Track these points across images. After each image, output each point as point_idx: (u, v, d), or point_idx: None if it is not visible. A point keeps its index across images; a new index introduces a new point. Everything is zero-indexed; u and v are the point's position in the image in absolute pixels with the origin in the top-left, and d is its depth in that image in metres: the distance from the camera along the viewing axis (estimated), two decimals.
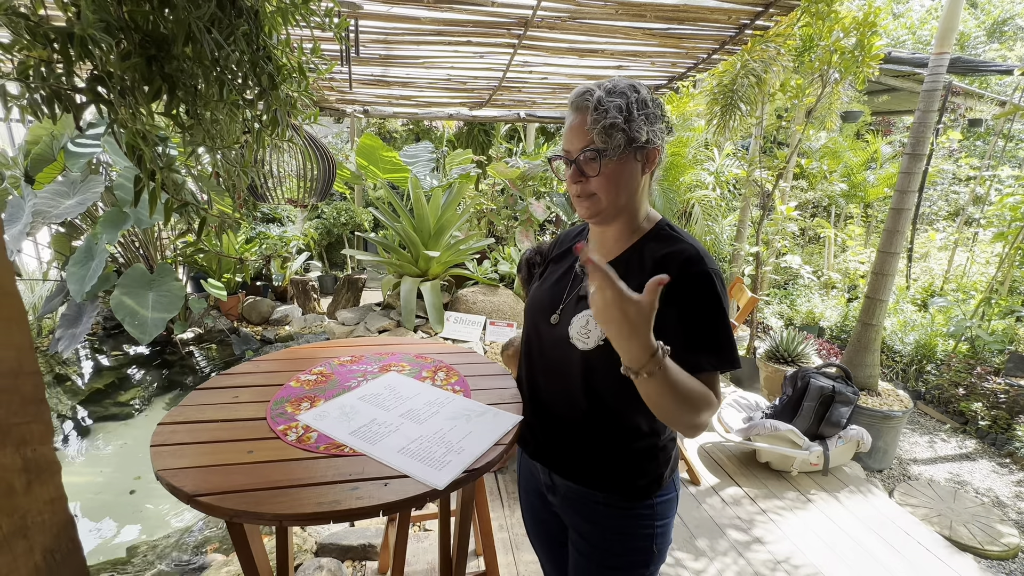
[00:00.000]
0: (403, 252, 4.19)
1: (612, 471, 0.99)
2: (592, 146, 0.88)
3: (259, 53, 0.99)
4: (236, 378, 1.26)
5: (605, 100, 0.86)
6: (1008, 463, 3.06)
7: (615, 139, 0.86)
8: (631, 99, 0.87)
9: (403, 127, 8.38)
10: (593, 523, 1.02)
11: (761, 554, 2.17)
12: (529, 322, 1.09)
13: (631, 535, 1.00)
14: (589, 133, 0.87)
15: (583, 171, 0.90)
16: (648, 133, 0.88)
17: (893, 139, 7.17)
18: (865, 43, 2.98)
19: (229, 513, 0.81)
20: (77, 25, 0.68)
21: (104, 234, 3.24)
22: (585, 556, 1.05)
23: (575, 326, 0.96)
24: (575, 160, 0.91)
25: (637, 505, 0.99)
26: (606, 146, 0.87)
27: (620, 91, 0.88)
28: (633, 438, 0.98)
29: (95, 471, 2.89)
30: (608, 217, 0.95)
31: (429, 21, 2.43)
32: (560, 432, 1.04)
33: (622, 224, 0.97)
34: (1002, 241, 3.74)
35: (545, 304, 1.05)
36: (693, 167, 4.96)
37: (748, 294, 3.08)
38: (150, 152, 0.82)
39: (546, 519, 1.17)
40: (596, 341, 0.93)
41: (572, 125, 0.91)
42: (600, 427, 0.98)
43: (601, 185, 0.90)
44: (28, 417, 0.71)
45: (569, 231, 1.19)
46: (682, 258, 0.90)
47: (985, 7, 10.89)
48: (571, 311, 0.99)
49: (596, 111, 0.86)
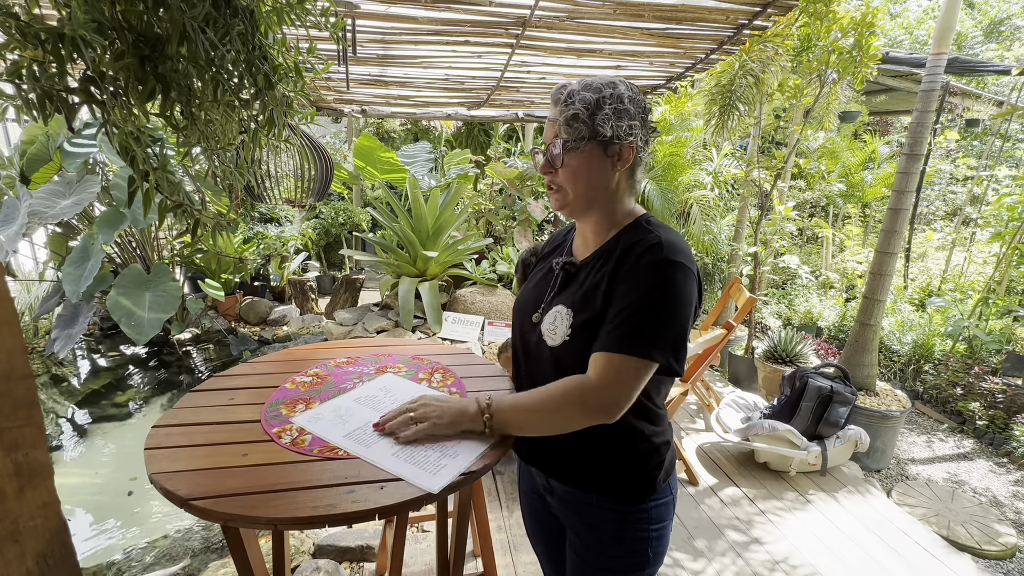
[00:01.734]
0: (401, 252, 4.18)
1: (601, 473, 0.98)
2: (557, 137, 0.91)
3: (255, 53, 0.98)
4: (232, 380, 1.25)
5: (576, 94, 0.89)
6: (1006, 463, 3.07)
7: (577, 131, 0.89)
8: (604, 94, 0.88)
9: (401, 127, 8.37)
10: (589, 525, 1.02)
11: (759, 554, 2.17)
12: (515, 323, 1.10)
13: (626, 538, 0.99)
14: (558, 126, 0.91)
15: (552, 162, 0.93)
16: (614, 128, 0.88)
17: (891, 139, 7.18)
18: (863, 43, 2.98)
19: (224, 517, 0.80)
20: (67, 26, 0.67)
21: (100, 234, 3.23)
22: (581, 558, 1.04)
23: (545, 323, 0.97)
24: (544, 152, 0.94)
25: (632, 509, 0.98)
26: (568, 137, 0.90)
27: (595, 87, 0.89)
28: (616, 439, 0.96)
29: (91, 472, 2.88)
30: (576, 210, 0.97)
31: (427, 21, 2.42)
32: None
33: (597, 219, 0.98)
34: (999, 241, 3.75)
35: (529, 304, 1.06)
36: (691, 167, 4.97)
37: (746, 294, 3.08)
38: (142, 153, 0.82)
39: (546, 520, 1.17)
40: (563, 337, 0.93)
41: (548, 119, 0.95)
42: (587, 431, 0.95)
43: (566, 177, 0.93)
44: (20, 421, 0.70)
45: (560, 230, 1.19)
46: (644, 246, 0.89)
47: (982, 7, 10.92)
48: (546, 309, 1.00)
49: (565, 103, 0.89)
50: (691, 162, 5.00)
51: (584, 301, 0.93)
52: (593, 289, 0.93)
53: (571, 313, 0.94)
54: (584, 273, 0.98)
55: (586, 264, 0.99)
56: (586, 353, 0.90)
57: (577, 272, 1.00)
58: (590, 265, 0.98)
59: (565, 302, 0.96)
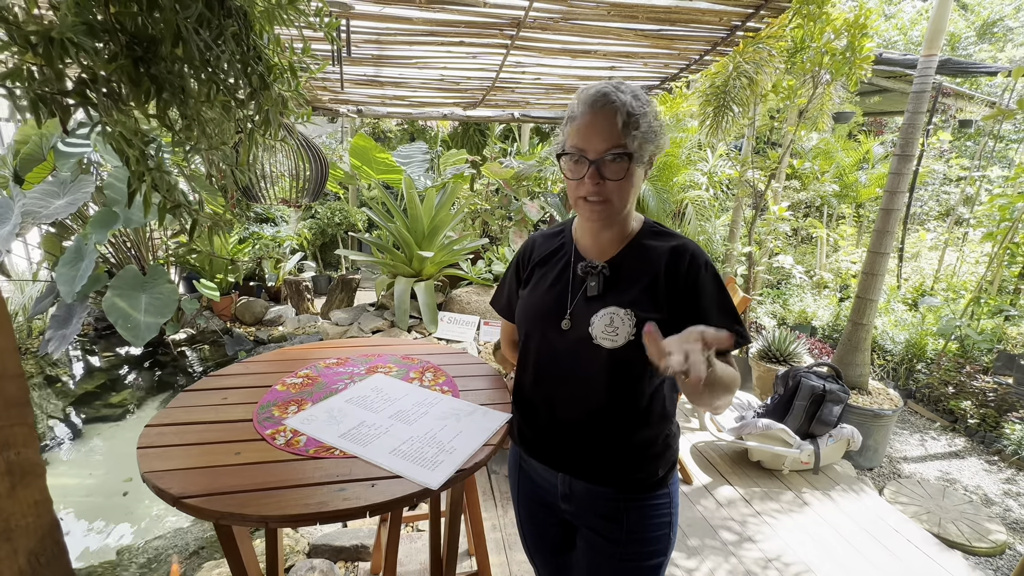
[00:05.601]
0: (397, 252, 4.18)
1: (635, 465, 1.00)
2: (621, 149, 0.88)
3: (249, 53, 0.99)
4: (226, 379, 1.26)
5: (635, 108, 0.88)
6: (996, 461, 3.09)
7: (646, 149, 0.91)
8: (654, 109, 0.92)
9: (397, 127, 8.36)
10: (613, 520, 1.02)
11: (753, 552, 2.19)
12: (532, 330, 1.05)
13: (652, 524, 1.02)
14: (618, 136, 0.88)
15: (603, 173, 0.90)
16: (662, 142, 0.93)
17: (885, 139, 7.22)
18: (856, 45, 3.00)
19: (215, 515, 0.81)
20: (55, 28, 0.68)
21: (94, 234, 3.22)
22: (603, 554, 1.04)
23: (597, 326, 0.95)
24: (595, 161, 0.89)
25: (657, 493, 1.02)
26: (638, 152, 0.90)
27: (636, 94, 0.90)
28: (652, 428, 1.00)
29: (85, 473, 2.87)
30: (615, 220, 0.98)
31: (421, 22, 2.43)
32: (579, 436, 1.01)
33: (619, 226, 1.00)
34: (991, 241, 3.78)
35: (551, 310, 1.02)
36: (686, 167, 4.98)
37: (741, 294, 3.10)
38: (135, 154, 0.82)
39: (549, 529, 1.15)
40: (626, 337, 0.93)
41: (592, 124, 0.89)
42: (622, 423, 0.99)
43: (617, 188, 0.91)
44: (12, 420, 0.71)
45: (543, 232, 1.15)
46: (690, 251, 0.96)
47: (975, 8, 10.99)
48: (584, 313, 0.97)
49: (629, 116, 0.88)
50: (686, 162, 5.02)
51: (644, 301, 0.95)
52: (650, 290, 0.95)
53: (631, 313, 0.94)
54: (623, 274, 0.99)
55: (617, 266, 0.99)
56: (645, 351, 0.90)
57: (615, 274, 0.99)
58: (623, 266, 0.99)
59: (618, 303, 0.95)
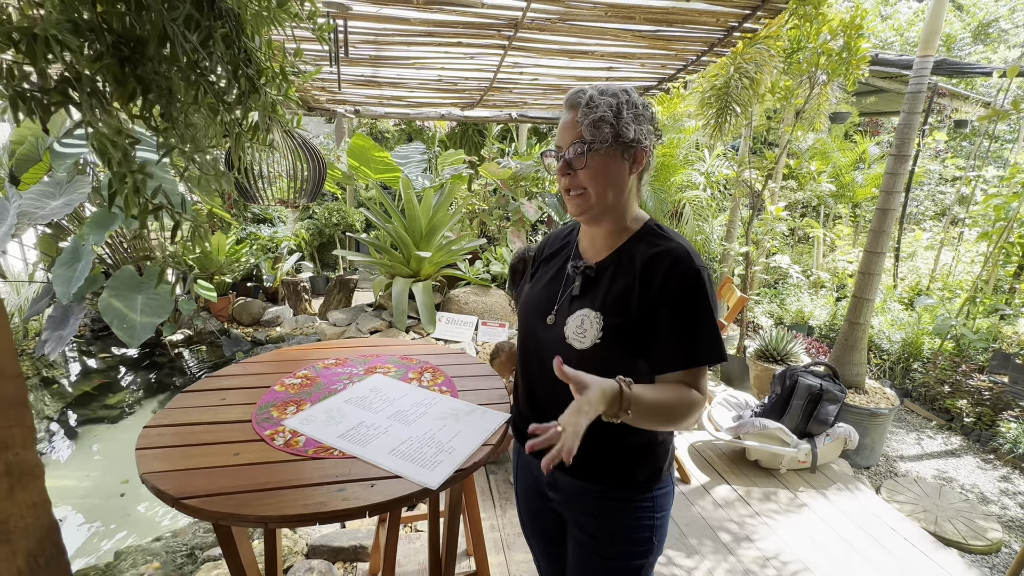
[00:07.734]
0: (395, 253, 4.18)
1: (614, 466, 1.01)
2: (580, 139, 0.93)
3: (239, 56, 0.98)
4: (223, 380, 1.26)
5: (596, 98, 0.92)
6: (992, 459, 3.11)
7: (602, 132, 0.91)
8: (621, 99, 0.92)
9: (395, 127, 8.36)
10: (595, 516, 1.04)
11: (751, 551, 2.19)
12: (524, 324, 1.10)
13: (632, 527, 1.02)
14: (578, 127, 0.92)
15: (571, 165, 0.95)
16: (636, 132, 0.92)
17: (881, 140, 7.25)
18: (851, 45, 3.01)
19: (214, 516, 0.81)
20: (38, 25, 0.67)
21: (91, 235, 3.21)
22: (586, 549, 1.06)
23: (570, 326, 0.97)
24: (563, 155, 0.95)
25: (638, 498, 1.02)
26: (593, 139, 0.91)
27: (612, 92, 0.93)
28: (632, 434, 0.99)
29: (83, 475, 2.86)
30: (597, 215, 0.98)
31: (419, 22, 2.43)
32: None
33: (611, 224, 1.00)
34: (987, 240, 3.80)
35: (540, 305, 1.06)
36: (684, 168, 4.99)
37: (738, 294, 3.11)
38: (118, 155, 0.81)
39: (544, 517, 1.17)
40: (593, 340, 0.94)
41: (564, 122, 0.96)
42: (599, 425, 0.99)
43: (588, 178, 0.94)
44: (10, 421, 0.70)
45: (559, 231, 1.20)
46: (670, 258, 0.93)
47: (971, 9, 11.04)
48: (566, 311, 1.00)
49: (587, 107, 0.92)
50: (684, 163, 5.03)
51: (615, 305, 0.95)
52: (623, 295, 0.95)
53: (600, 316, 0.95)
54: (605, 277, 0.99)
55: (604, 268, 1.00)
56: (614, 355, 0.93)
57: (597, 276, 1.01)
58: (608, 269, 1.00)
59: (591, 305, 0.97)
